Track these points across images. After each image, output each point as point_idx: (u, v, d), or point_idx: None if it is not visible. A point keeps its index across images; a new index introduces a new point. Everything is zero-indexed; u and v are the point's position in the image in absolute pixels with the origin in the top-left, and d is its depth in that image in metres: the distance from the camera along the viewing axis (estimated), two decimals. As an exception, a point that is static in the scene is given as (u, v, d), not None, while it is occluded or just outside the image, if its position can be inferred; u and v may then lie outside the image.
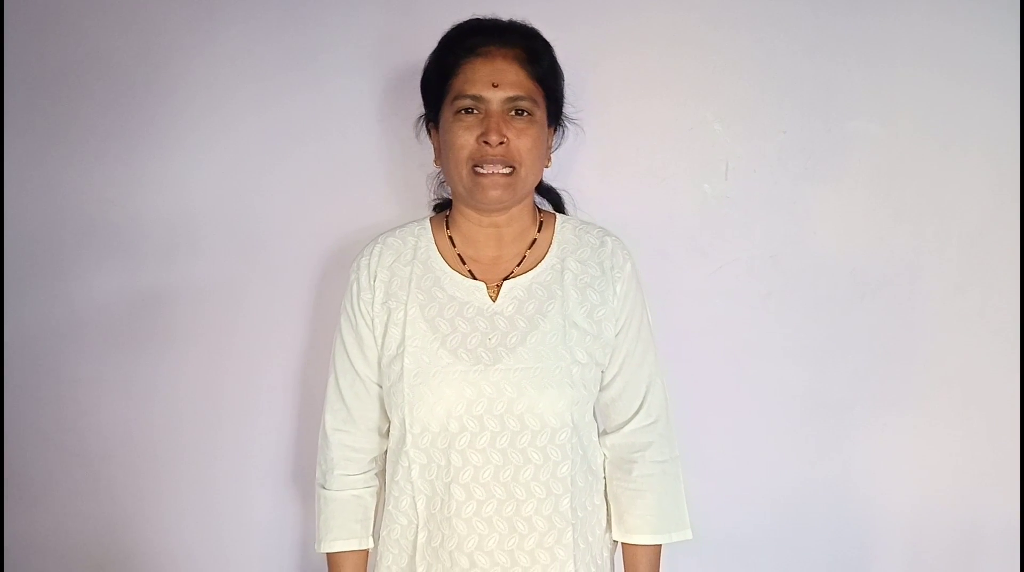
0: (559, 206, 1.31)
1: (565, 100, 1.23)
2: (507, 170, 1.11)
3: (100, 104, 1.47)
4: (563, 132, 1.27)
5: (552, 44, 1.16)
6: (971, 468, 1.45)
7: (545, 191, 1.30)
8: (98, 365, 1.53)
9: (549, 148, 1.21)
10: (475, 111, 1.11)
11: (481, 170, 1.10)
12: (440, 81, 1.14)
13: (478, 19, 1.16)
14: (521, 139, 1.10)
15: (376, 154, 1.46)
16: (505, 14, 1.16)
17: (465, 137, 1.10)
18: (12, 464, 1.57)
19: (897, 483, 1.47)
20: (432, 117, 1.19)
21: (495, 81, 1.09)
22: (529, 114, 1.12)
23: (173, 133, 1.47)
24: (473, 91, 1.10)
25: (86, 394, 1.54)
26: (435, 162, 1.21)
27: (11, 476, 1.57)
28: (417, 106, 1.24)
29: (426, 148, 1.26)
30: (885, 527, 1.48)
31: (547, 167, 1.21)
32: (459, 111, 1.11)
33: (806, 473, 1.47)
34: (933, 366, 1.44)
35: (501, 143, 1.09)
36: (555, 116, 1.20)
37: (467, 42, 1.12)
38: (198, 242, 1.49)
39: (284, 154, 1.46)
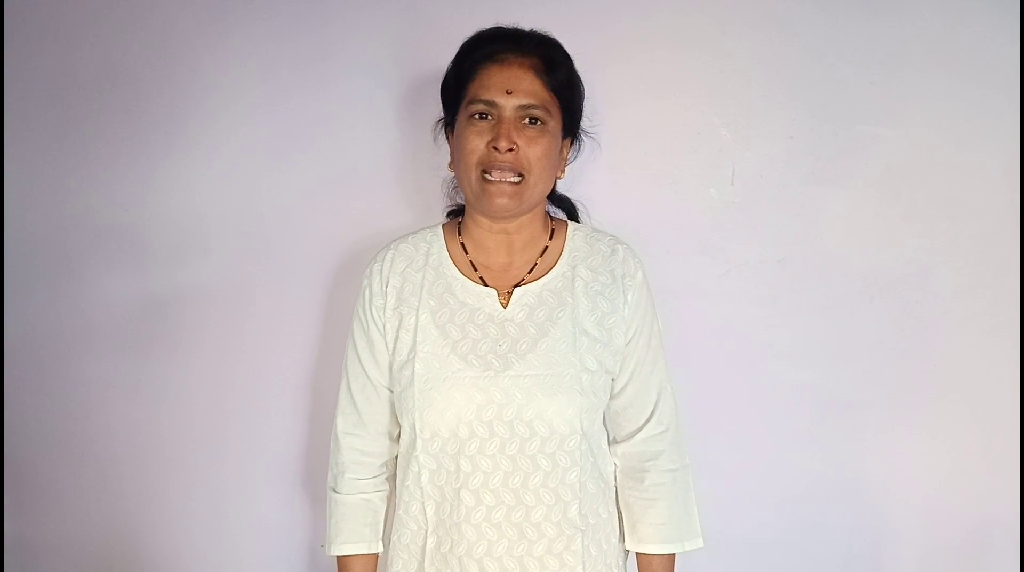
0: (573, 215, 1.31)
1: (583, 114, 1.22)
2: (516, 178, 1.11)
3: (109, 107, 1.47)
4: (579, 146, 1.27)
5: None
6: (982, 467, 1.45)
7: (559, 201, 1.30)
8: (107, 367, 1.53)
9: (564, 160, 1.21)
10: (488, 116, 1.11)
11: (490, 177, 1.10)
12: (457, 85, 1.15)
13: (499, 27, 1.16)
14: (531, 147, 1.10)
15: (389, 158, 1.46)
16: (514, 17, 1.16)
17: (476, 142, 1.11)
18: (19, 466, 1.57)
19: (908, 482, 1.46)
20: (450, 121, 1.20)
21: (509, 88, 1.09)
22: (542, 123, 1.12)
23: (183, 135, 1.47)
24: (487, 96, 1.10)
25: (95, 396, 1.54)
26: (449, 166, 1.21)
27: (18, 478, 1.57)
28: (433, 111, 1.24)
29: (439, 154, 1.26)
30: (897, 526, 1.48)
31: (560, 178, 1.21)
32: (473, 115, 1.12)
33: (817, 474, 1.47)
34: (944, 366, 1.43)
35: (510, 150, 1.09)
36: (570, 128, 1.20)
37: (485, 48, 1.13)
38: (207, 244, 1.49)
39: (294, 157, 1.46)
